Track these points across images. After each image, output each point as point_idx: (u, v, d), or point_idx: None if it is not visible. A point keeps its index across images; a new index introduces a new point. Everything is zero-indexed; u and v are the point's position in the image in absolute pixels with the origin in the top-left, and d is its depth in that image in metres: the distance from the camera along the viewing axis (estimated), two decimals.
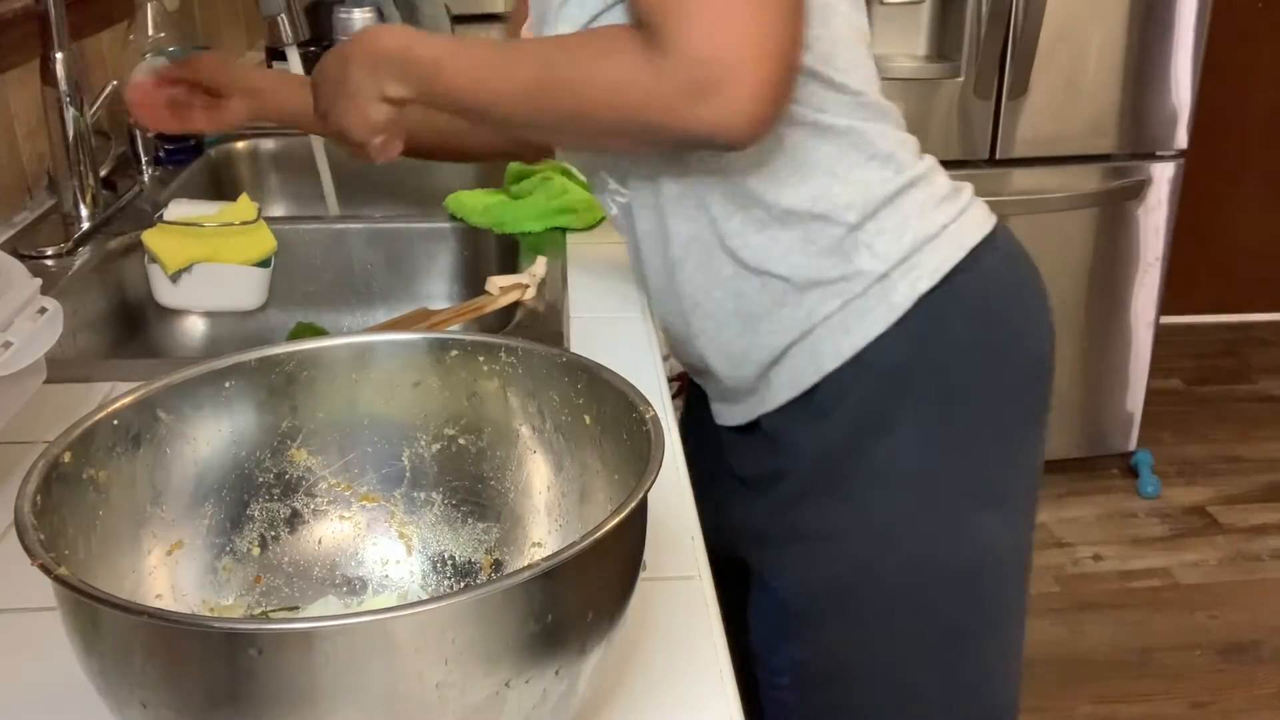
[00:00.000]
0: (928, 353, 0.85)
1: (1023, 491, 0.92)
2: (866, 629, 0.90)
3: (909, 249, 0.83)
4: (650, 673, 0.64)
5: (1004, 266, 0.89)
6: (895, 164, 0.84)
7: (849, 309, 0.84)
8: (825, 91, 0.82)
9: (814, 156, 0.82)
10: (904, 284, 0.83)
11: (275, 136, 1.65)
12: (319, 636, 0.44)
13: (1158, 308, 2.59)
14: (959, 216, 0.86)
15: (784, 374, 0.87)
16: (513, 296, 1.10)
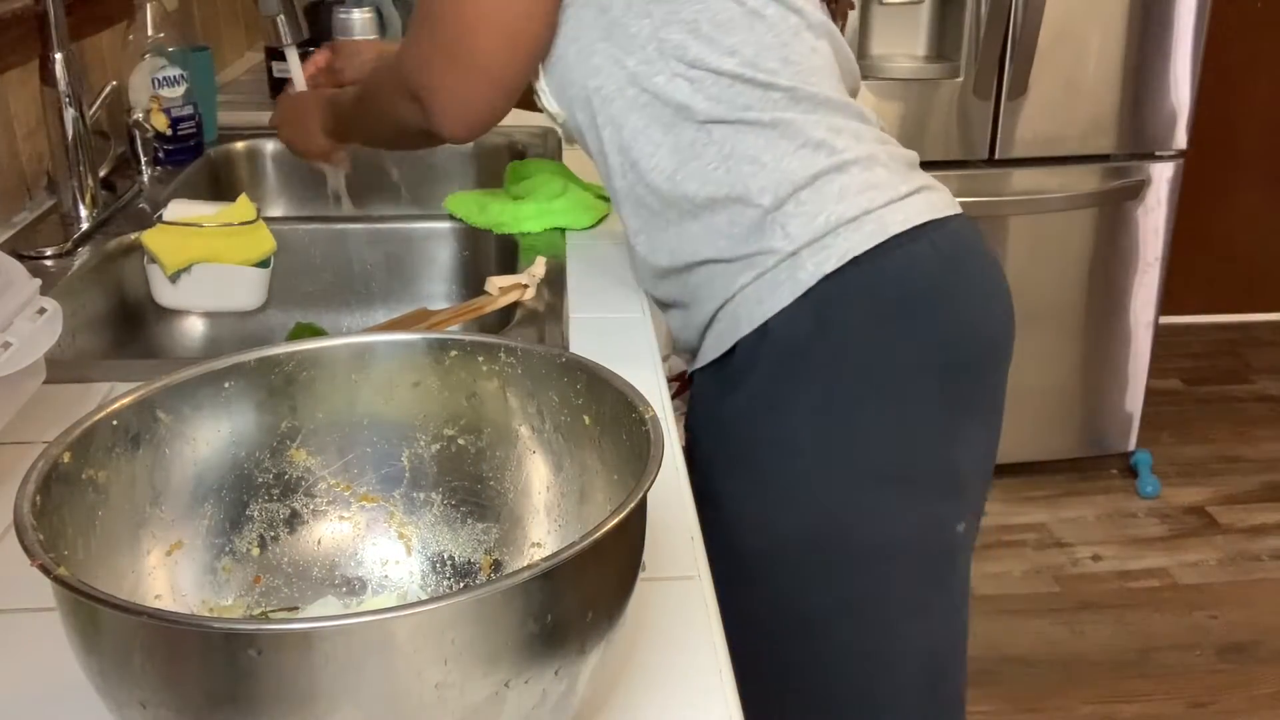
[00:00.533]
0: (828, 331, 0.88)
1: (937, 479, 0.93)
2: (771, 595, 0.93)
3: (821, 230, 0.88)
4: (649, 673, 0.64)
5: (932, 257, 0.89)
6: (827, 149, 0.89)
7: (761, 281, 0.89)
8: (751, 91, 0.89)
9: (740, 148, 0.89)
10: (811, 263, 0.88)
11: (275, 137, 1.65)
12: (318, 637, 0.44)
13: (1157, 308, 2.59)
14: (889, 204, 0.89)
15: (711, 336, 0.95)
16: (512, 297, 1.10)
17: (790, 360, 0.89)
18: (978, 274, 0.94)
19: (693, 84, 0.89)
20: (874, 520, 0.91)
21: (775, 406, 0.90)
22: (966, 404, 0.93)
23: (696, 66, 0.89)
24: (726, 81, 0.89)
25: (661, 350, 1.02)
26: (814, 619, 0.93)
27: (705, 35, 0.88)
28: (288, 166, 1.65)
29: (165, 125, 1.47)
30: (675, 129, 0.90)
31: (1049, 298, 2.52)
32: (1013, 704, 2.05)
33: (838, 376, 0.89)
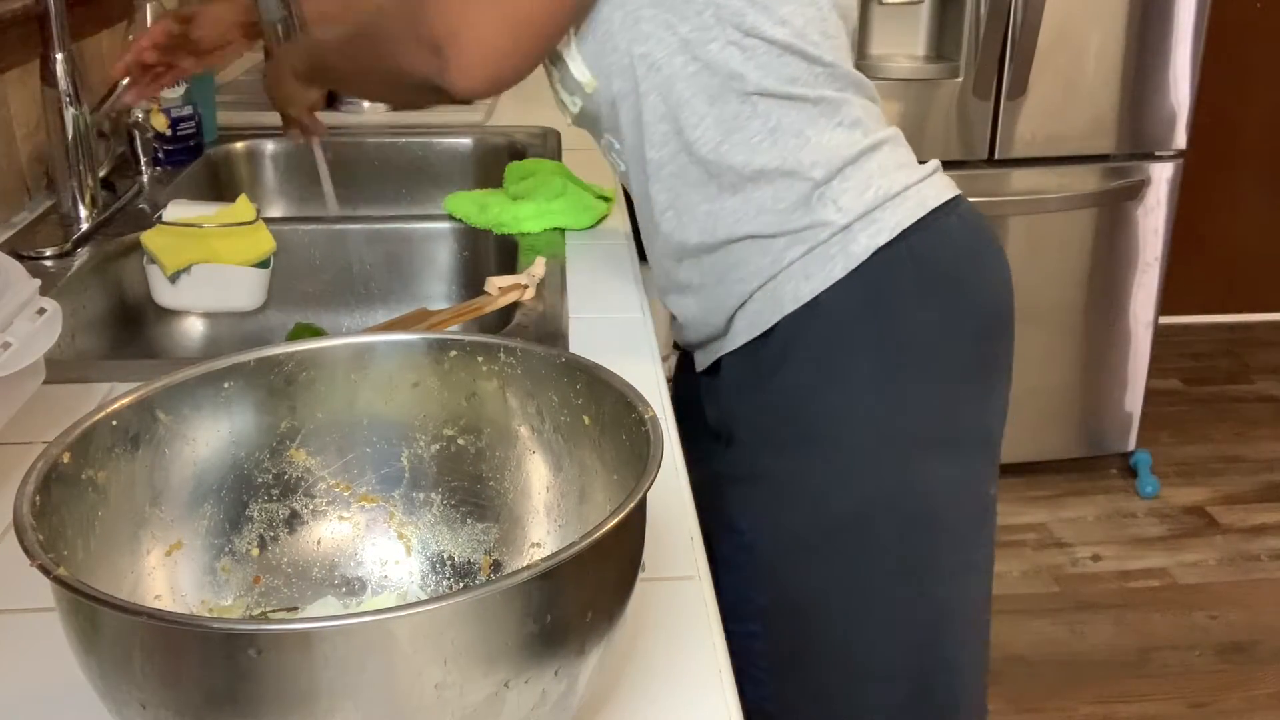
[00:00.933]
0: (881, 302, 0.90)
1: (975, 442, 0.97)
2: (825, 569, 0.94)
3: (871, 204, 0.90)
4: (649, 673, 0.64)
5: (962, 230, 0.94)
6: (862, 128, 0.92)
7: (811, 255, 0.90)
8: (799, 63, 0.90)
9: (785, 122, 0.90)
10: (864, 236, 0.89)
11: (274, 137, 1.65)
12: (318, 637, 0.44)
13: (1156, 308, 2.59)
14: (921, 181, 0.93)
15: (746, 316, 0.94)
16: (512, 297, 1.10)
17: (842, 333, 0.90)
18: (993, 244, 0.99)
19: (745, 52, 0.89)
20: (925, 484, 0.93)
21: (830, 381, 0.91)
22: (994, 366, 0.97)
23: (751, 34, 0.88)
24: (777, 51, 0.89)
25: (661, 350, 1.02)
26: (870, 585, 0.94)
27: (761, 3, 0.88)
28: (288, 167, 1.65)
29: (165, 125, 1.47)
30: (721, 100, 0.90)
31: (1048, 298, 2.52)
32: (1013, 704, 2.05)
33: (889, 347, 0.91)
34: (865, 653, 0.96)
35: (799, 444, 0.93)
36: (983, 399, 0.97)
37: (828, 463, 0.92)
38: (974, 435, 0.96)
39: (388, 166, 1.65)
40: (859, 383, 0.91)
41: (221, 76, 1.95)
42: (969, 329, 0.94)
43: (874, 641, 0.95)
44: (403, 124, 1.72)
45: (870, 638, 0.95)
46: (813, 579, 0.95)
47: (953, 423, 0.94)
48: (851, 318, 0.90)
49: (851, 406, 0.91)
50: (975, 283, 0.95)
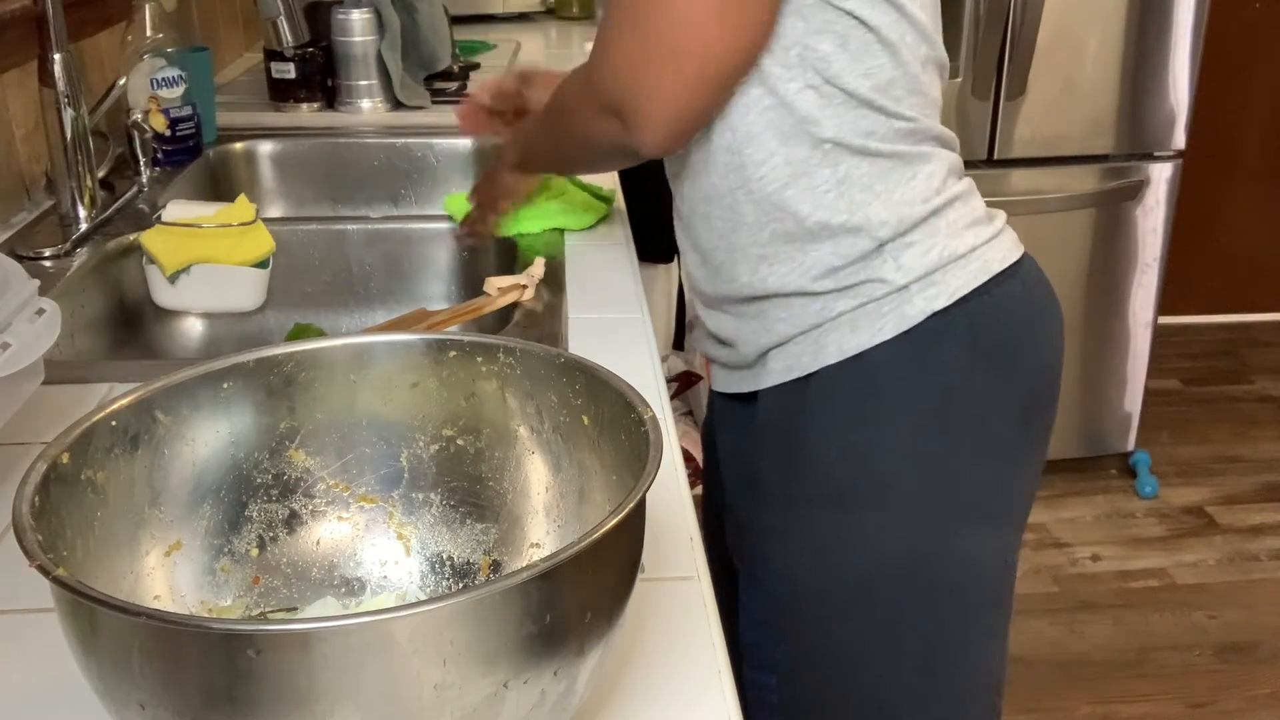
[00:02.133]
0: (929, 367, 0.87)
1: (1011, 511, 0.95)
2: (850, 629, 0.92)
3: (933, 266, 0.86)
4: (648, 673, 0.64)
5: (1023, 295, 0.91)
6: (937, 183, 0.88)
7: (862, 310, 0.87)
8: (876, 118, 0.86)
9: (855, 174, 0.86)
10: (921, 299, 0.86)
11: (273, 138, 1.65)
12: (317, 638, 0.44)
13: (1155, 308, 2.59)
14: (989, 241, 0.89)
15: (783, 358, 0.90)
16: (511, 297, 1.10)
17: (886, 393, 0.87)
18: (1051, 310, 0.96)
19: (822, 99, 0.85)
20: (956, 555, 0.90)
21: (871, 441, 0.88)
22: (1037, 434, 0.95)
23: (832, 83, 0.85)
24: (855, 104, 0.85)
25: (660, 351, 1.02)
26: (895, 649, 0.93)
27: (852, 51, 0.84)
28: (287, 167, 1.65)
29: (164, 126, 1.47)
30: (792, 141, 0.86)
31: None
32: (1012, 704, 2.05)
33: (934, 414, 0.88)
34: (887, 709, 0.94)
35: (834, 500, 0.90)
36: (1021, 472, 0.94)
37: (861, 523, 0.90)
38: (1009, 508, 0.94)
39: (388, 166, 1.65)
40: (899, 447, 0.88)
41: (221, 77, 1.95)
42: (1017, 401, 0.91)
43: (895, 706, 0.94)
44: (403, 124, 1.72)
45: (892, 701, 0.94)
46: (836, 637, 0.93)
47: (991, 496, 0.91)
48: (897, 379, 0.87)
49: (888, 469, 0.88)
50: (1029, 353, 0.92)
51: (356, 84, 1.76)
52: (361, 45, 1.74)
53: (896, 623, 0.91)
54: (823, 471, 0.89)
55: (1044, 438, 0.97)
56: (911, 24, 0.86)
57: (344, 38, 1.74)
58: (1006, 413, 0.90)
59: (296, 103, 1.76)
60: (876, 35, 0.84)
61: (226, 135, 1.64)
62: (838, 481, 0.89)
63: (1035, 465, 0.97)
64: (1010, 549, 0.95)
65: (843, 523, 0.90)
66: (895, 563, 0.89)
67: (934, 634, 0.92)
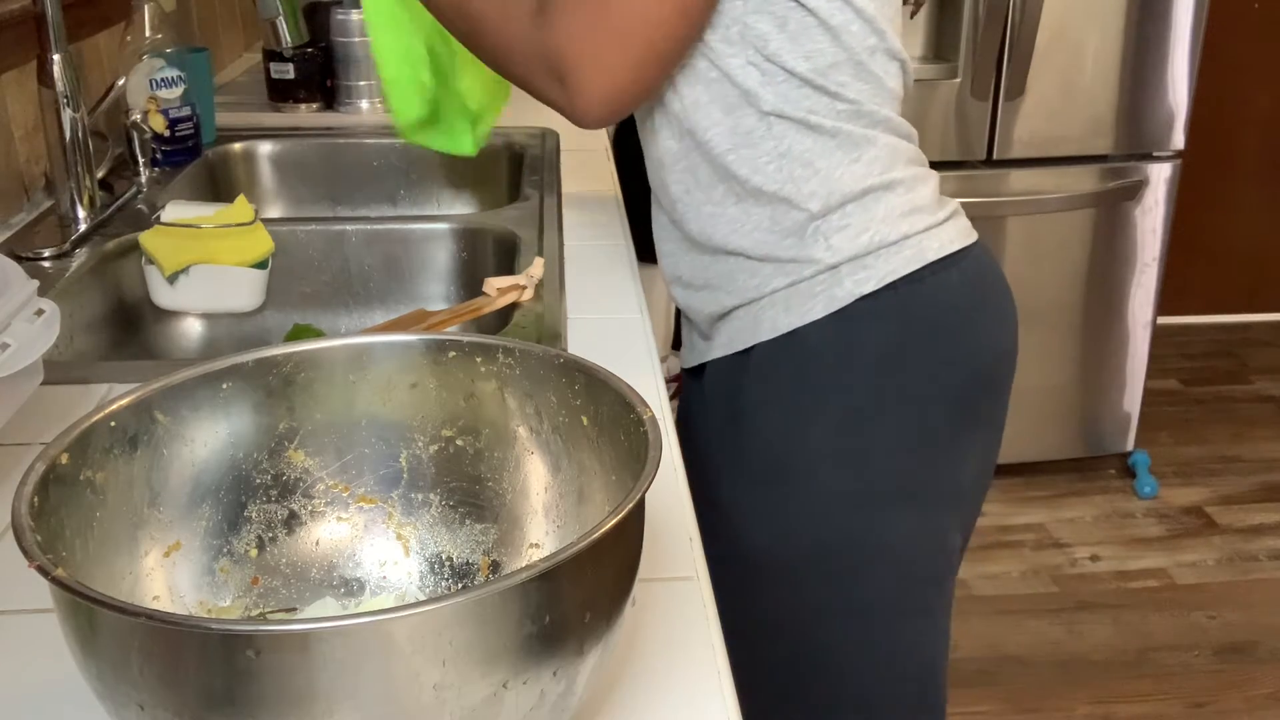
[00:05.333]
0: (857, 350, 0.89)
1: (942, 495, 0.96)
2: (777, 599, 0.95)
3: (864, 249, 0.89)
4: (647, 674, 0.64)
5: (961, 285, 0.92)
6: (880, 166, 0.90)
7: (794, 290, 0.90)
8: (818, 97, 0.89)
9: (797, 148, 0.89)
10: (850, 281, 0.88)
11: (273, 138, 1.65)
12: (316, 638, 0.44)
13: (1155, 308, 2.59)
14: (928, 230, 0.90)
15: (726, 331, 0.95)
16: (510, 298, 1.10)
17: (814, 373, 0.90)
18: (995, 300, 0.97)
19: (764, 76, 0.88)
20: (885, 535, 0.93)
21: (798, 421, 0.91)
22: (975, 421, 0.96)
23: (772, 61, 0.87)
24: (796, 83, 0.88)
25: (660, 351, 1.02)
26: (817, 625, 0.95)
27: (790, 32, 0.87)
28: (286, 168, 1.65)
29: (163, 126, 1.47)
30: (737, 112, 0.89)
31: (1047, 298, 2.53)
32: (1011, 704, 2.06)
33: (860, 396, 0.90)
34: (805, 683, 0.97)
35: (765, 478, 0.93)
36: (956, 454, 0.95)
37: (788, 501, 0.93)
38: (941, 489, 0.95)
39: (387, 167, 1.65)
40: (825, 427, 0.90)
41: (220, 77, 1.95)
42: (951, 385, 0.92)
43: (815, 675, 0.97)
44: None
45: (813, 671, 0.97)
46: (764, 606, 0.95)
47: (918, 477, 0.93)
48: (826, 359, 0.90)
49: (816, 450, 0.91)
50: (965, 341, 0.93)
51: (356, 84, 1.76)
52: (361, 46, 1.74)
53: (817, 596, 0.94)
54: (757, 445, 0.93)
55: (985, 422, 0.98)
56: (856, 12, 0.88)
57: (343, 38, 1.74)
58: (938, 399, 0.92)
59: (296, 103, 1.76)
60: (816, 18, 0.87)
61: (226, 136, 1.64)
62: (770, 456, 0.93)
63: (978, 451, 0.98)
64: (943, 530, 0.96)
65: (773, 497, 0.93)
66: (821, 538, 0.92)
67: (861, 609, 0.95)
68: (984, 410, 0.97)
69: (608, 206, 1.39)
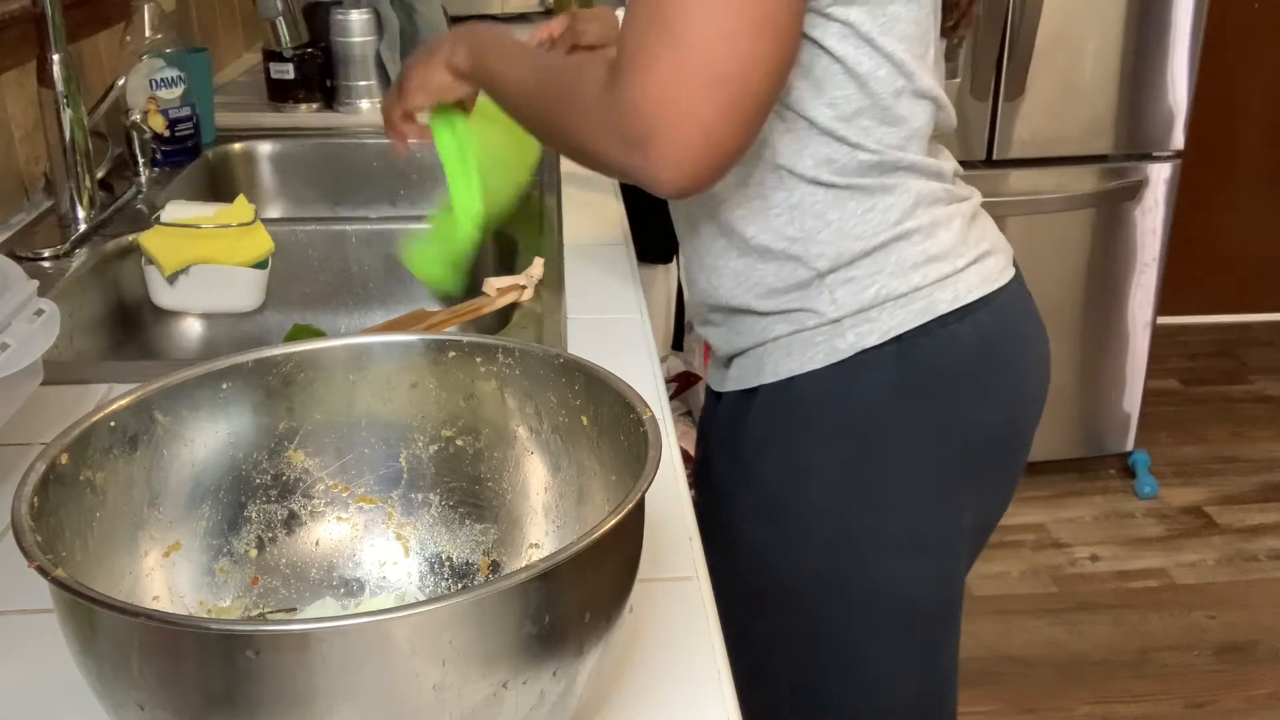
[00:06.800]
0: (857, 401, 0.87)
1: (943, 543, 0.94)
2: (773, 627, 0.96)
3: (868, 304, 0.86)
4: (647, 674, 0.64)
5: (973, 338, 0.88)
6: (895, 215, 0.86)
7: (795, 338, 0.88)
8: (838, 148, 0.85)
9: (808, 201, 0.86)
10: (853, 334, 0.86)
11: (272, 138, 1.65)
12: (316, 638, 0.44)
13: (1154, 308, 2.59)
14: (941, 280, 0.87)
15: (739, 367, 0.94)
16: (510, 298, 1.10)
17: (814, 420, 0.89)
18: (1016, 354, 0.93)
19: (784, 124, 0.84)
20: (879, 579, 0.92)
21: (796, 466, 0.90)
22: (980, 476, 0.94)
23: (793, 109, 0.83)
24: (816, 132, 0.84)
25: (660, 351, 1.02)
26: (810, 657, 0.96)
27: (814, 79, 0.82)
28: (286, 168, 1.65)
29: (163, 126, 1.47)
30: (750, 163, 0.85)
31: (1047, 298, 2.51)
32: (1011, 704, 2.06)
33: (859, 446, 0.88)
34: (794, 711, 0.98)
35: (763, 509, 0.93)
36: (964, 503, 0.93)
37: (785, 540, 0.92)
38: (943, 536, 0.94)
39: (386, 167, 1.65)
40: (823, 475, 0.89)
41: (220, 77, 1.95)
42: (957, 439, 0.90)
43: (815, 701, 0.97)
44: None
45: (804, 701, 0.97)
46: (761, 631, 0.95)
47: (918, 526, 0.91)
48: (825, 407, 0.88)
49: (813, 496, 0.90)
50: (973, 396, 0.90)
51: (355, 84, 1.76)
52: (360, 46, 1.74)
53: (812, 631, 0.95)
54: (756, 481, 0.93)
55: (1001, 477, 0.97)
56: (885, 57, 0.83)
57: (343, 38, 1.74)
58: (940, 451, 0.89)
59: (295, 103, 1.76)
60: (843, 65, 0.82)
61: (225, 136, 1.64)
62: (767, 493, 0.92)
63: (987, 495, 0.97)
64: (947, 573, 0.95)
65: (768, 533, 0.93)
66: (814, 579, 0.92)
67: (847, 645, 0.95)
68: (993, 465, 0.95)
69: (608, 207, 1.39)
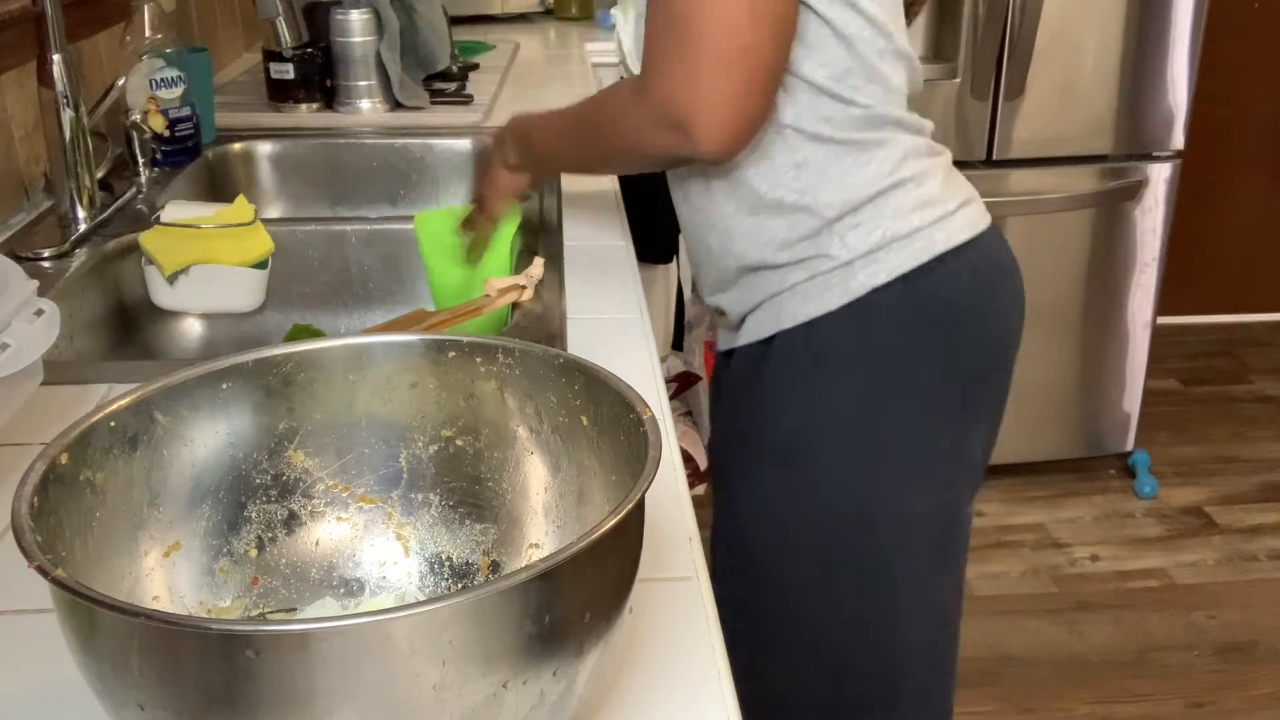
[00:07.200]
0: (871, 336, 0.96)
1: (953, 469, 1.02)
2: (801, 566, 1.01)
3: (875, 245, 0.94)
4: (647, 674, 0.64)
5: (969, 274, 0.98)
6: (890, 166, 0.95)
7: (812, 283, 0.96)
8: (834, 105, 0.93)
9: (813, 158, 0.94)
10: (863, 274, 0.94)
11: (272, 139, 1.65)
12: (316, 638, 0.44)
13: (1154, 308, 2.59)
14: (937, 221, 0.96)
15: (753, 322, 1.01)
16: (510, 298, 1.10)
17: (831, 359, 0.96)
18: (1002, 289, 1.02)
19: (785, 88, 0.93)
20: (897, 506, 0.99)
21: (816, 402, 0.97)
22: (980, 402, 1.03)
23: (793, 73, 0.92)
24: (815, 91, 0.93)
25: (660, 351, 1.02)
26: (838, 587, 1.01)
27: (808, 44, 0.92)
28: (286, 168, 1.65)
29: (163, 126, 1.47)
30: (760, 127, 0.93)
31: (1047, 298, 2.53)
32: (1011, 704, 2.06)
33: (873, 379, 0.96)
34: (826, 645, 1.03)
35: (785, 455, 0.99)
36: (966, 431, 1.02)
37: (807, 477, 0.98)
38: (952, 463, 1.01)
39: (386, 167, 1.65)
40: (841, 408, 0.96)
41: (220, 77, 1.96)
42: (959, 368, 0.98)
43: (836, 636, 1.03)
44: (402, 125, 1.72)
45: (833, 633, 1.03)
46: (790, 571, 1.02)
47: (930, 452, 0.99)
48: (841, 346, 0.96)
49: (832, 429, 0.97)
50: (972, 327, 0.99)
51: (355, 84, 1.76)
52: (360, 46, 1.74)
53: (838, 564, 1.00)
54: (774, 426, 0.99)
55: (992, 401, 1.05)
56: (868, 20, 0.92)
57: (343, 38, 1.74)
58: (948, 381, 0.98)
59: (295, 103, 1.76)
60: (832, 29, 0.91)
61: (225, 136, 1.64)
62: (785, 436, 0.99)
63: (984, 425, 1.04)
64: (955, 503, 1.04)
65: (787, 475, 0.99)
66: (835, 512, 0.98)
67: (871, 574, 1.01)
68: (989, 391, 1.03)
69: (608, 206, 1.39)
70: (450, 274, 1.23)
